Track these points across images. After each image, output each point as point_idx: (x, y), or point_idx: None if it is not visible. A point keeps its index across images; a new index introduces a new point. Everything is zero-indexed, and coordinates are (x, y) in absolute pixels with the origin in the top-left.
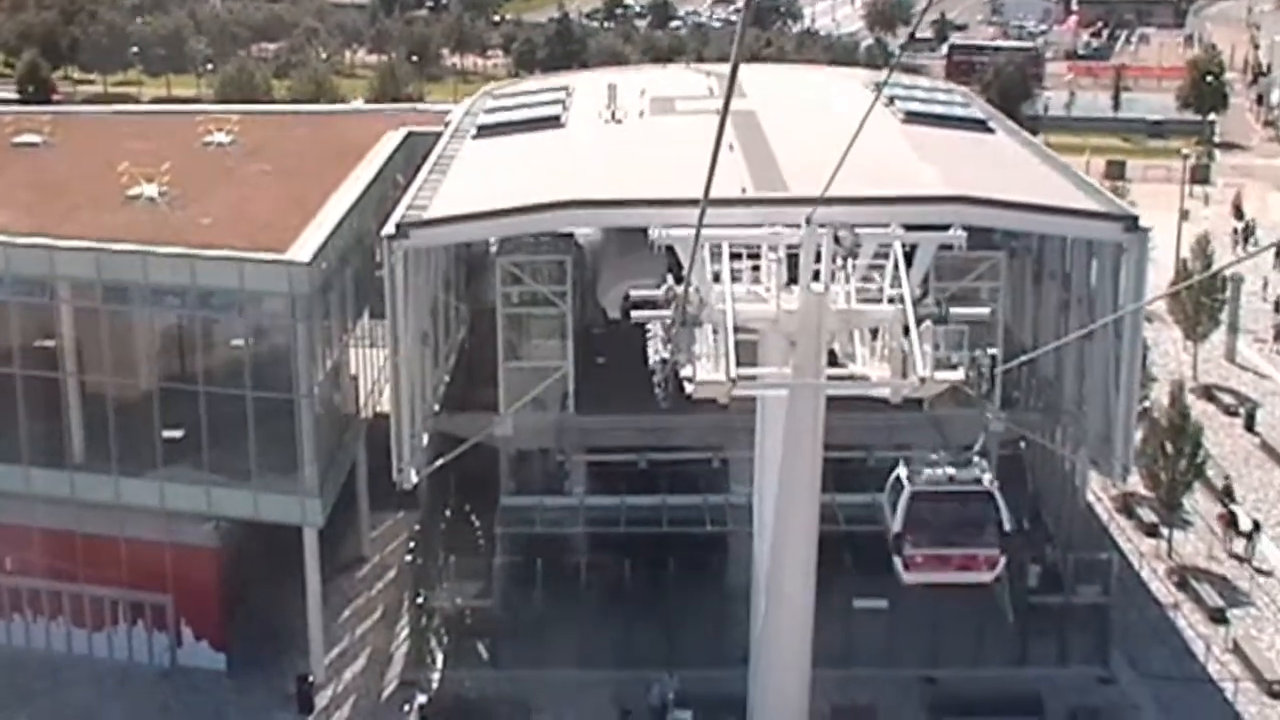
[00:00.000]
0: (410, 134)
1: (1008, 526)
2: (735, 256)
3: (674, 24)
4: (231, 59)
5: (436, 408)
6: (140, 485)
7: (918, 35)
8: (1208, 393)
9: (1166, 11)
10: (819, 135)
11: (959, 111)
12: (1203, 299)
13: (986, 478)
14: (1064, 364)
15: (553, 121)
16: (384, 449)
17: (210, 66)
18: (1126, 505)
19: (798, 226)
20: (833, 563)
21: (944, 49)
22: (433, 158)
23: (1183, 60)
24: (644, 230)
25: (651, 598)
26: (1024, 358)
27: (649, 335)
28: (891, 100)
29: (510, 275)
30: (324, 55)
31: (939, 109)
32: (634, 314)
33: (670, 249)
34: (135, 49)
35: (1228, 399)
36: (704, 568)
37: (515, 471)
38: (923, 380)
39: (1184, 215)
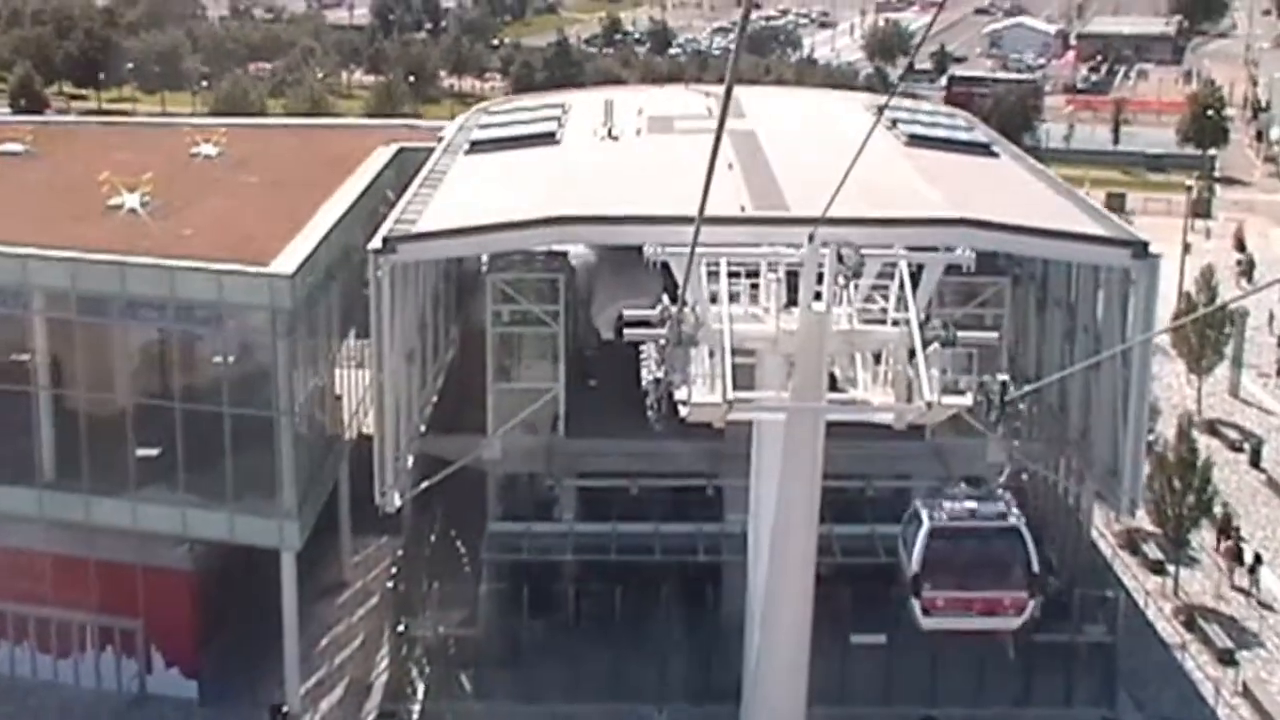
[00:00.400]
0: (402, 149)
1: (1036, 566)
2: (733, 276)
3: (673, 50)
4: (227, 76)
5: (423, 429)
6: (112, 505)
7: (917, 66)
8: (1211, 428)
9: (1165, 48)
10: (820, 156)
11: (963, 135)
12: (1207, 332)
13: (1013, 512)
14: (1069, 394)
15: (548, 138)
16: (368, 471)
17: (205, 84)
18: (1131, 541)
19: (798, 246)
20: (829, 596)
21: (943, 80)
22: (424, 173)
23: (1182, 95)
24: (639, 249)
25: (642, 629)
26: (1032, 386)
27: (643, 356)
28: (894, 123)
29: (501, 293)
30: (320, 74)
31: (942, 132)
32: (627, 333)
33: (666, 267)
34: (130, 65)
35: (1232, 434)
36: (697, 598)
37: (503, 496)
38: (929, 405)
39: (1186, 249)
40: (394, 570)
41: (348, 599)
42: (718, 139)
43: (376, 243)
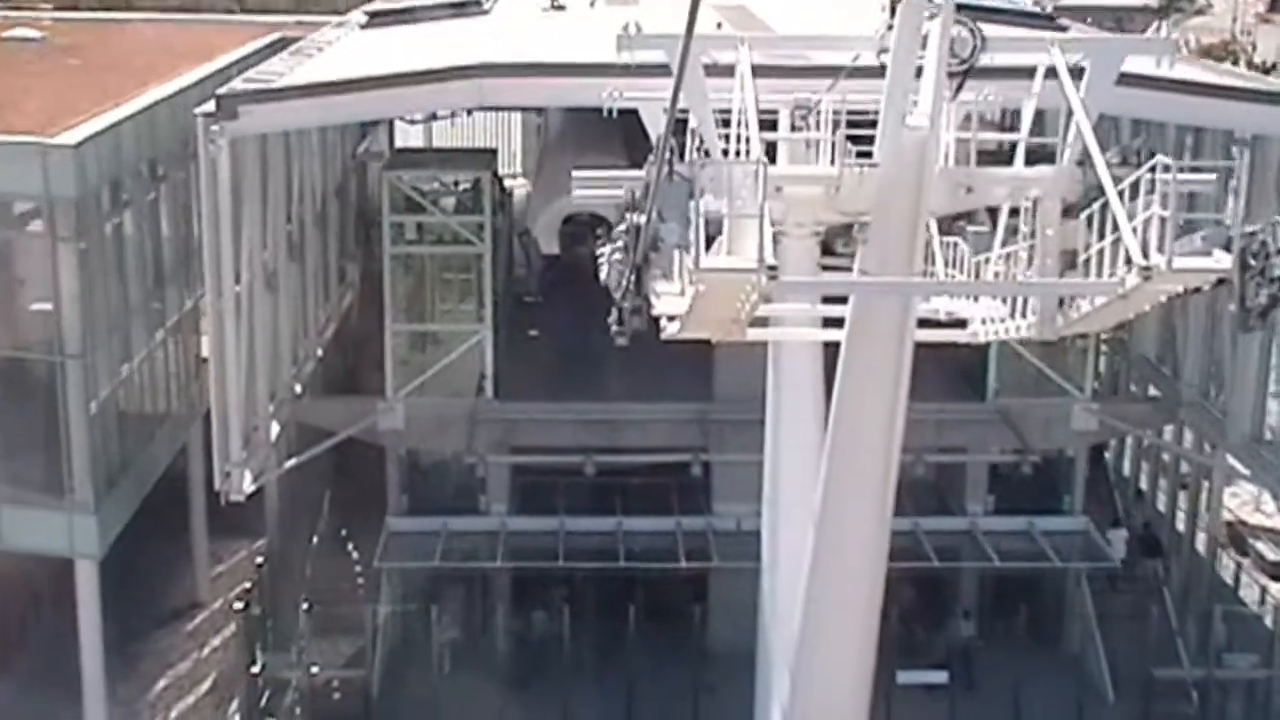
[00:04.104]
0: (283, 38)
1: None
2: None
3: None
4: None
5: (299, 389)
6: None
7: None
8: None
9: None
10: (835, 23)
11: (1017, 5)
12: None
13: None
14: (1183, 338)
15: (473, 6)
16: None
17: None
18: (1236, 538)
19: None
20: None
21: None
22: (298, 45)
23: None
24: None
25: (602, 664)
26: None
27: (600, 252)
28: None
29: (403, 198)
30: None
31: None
32: (577, 185)
33: (636, 122)
34: None
35: None
36: (677, 621)
37: (409, 481)
38: (1145, 274)
39: None
40: (249, 586)
41: (202, 625)
42: None
43: (208, 105)
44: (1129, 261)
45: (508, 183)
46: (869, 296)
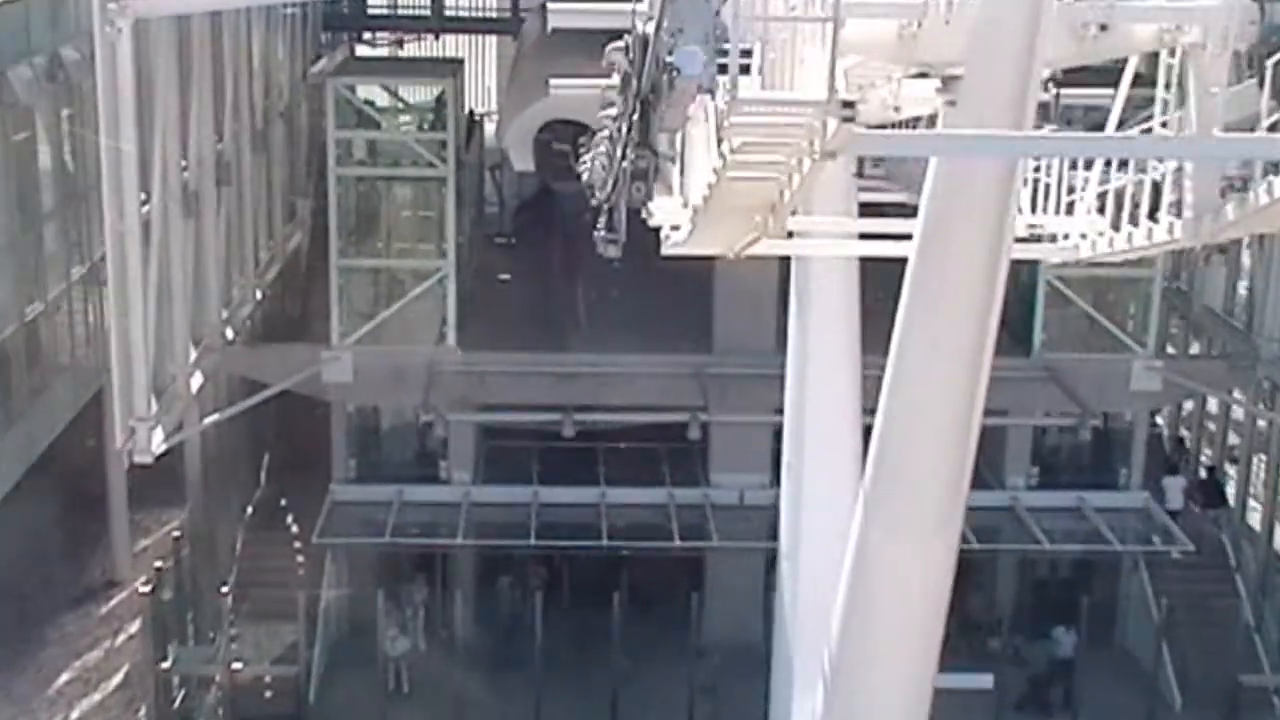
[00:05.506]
0: None
1: None
2: None
3: None
4: None
5: (230, 334)
6: None
7: None
8: None
9: None
10: None
11: None
12: None
13: None
14: (1262, 285)
15: None
16: None
17: None
18: None
19: None
20: None
21: None
22: None
23: None
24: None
25: (581, 660)
26: None
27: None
28: None
29: (353, 111)
30: None
31: None
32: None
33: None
34: None
35: None
36: (669, 610)
37: (358, 444)
38: None
39: None
40: (158, 565)
41: (117, 608)
42: None
43: None
44: None
45: (478, 117)
46: (969, 167)
